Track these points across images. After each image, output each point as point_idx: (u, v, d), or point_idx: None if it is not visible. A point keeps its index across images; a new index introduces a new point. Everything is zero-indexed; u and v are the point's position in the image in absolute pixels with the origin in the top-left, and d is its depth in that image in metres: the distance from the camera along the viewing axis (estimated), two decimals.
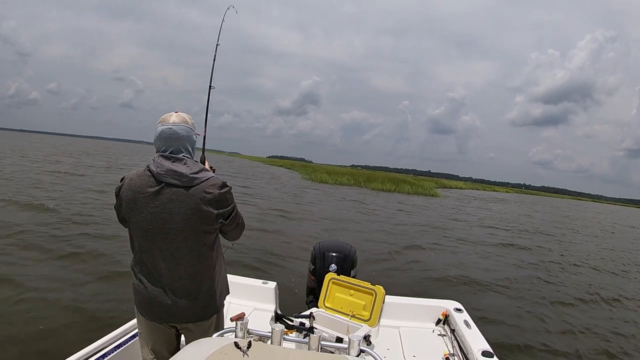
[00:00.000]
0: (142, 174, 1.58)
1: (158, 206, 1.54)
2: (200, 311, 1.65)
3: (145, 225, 1.56)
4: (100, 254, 5.96)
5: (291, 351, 1.23)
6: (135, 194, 1.56)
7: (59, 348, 3.01)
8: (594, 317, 5.88)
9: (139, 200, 1.55)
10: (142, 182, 1.56)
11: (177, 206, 1.53)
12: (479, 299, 5.98)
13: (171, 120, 1.60)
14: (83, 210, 9.24)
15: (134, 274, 1.65)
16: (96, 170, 20.40)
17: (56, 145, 54.86)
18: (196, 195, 1.54)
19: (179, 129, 1.59)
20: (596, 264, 10.25)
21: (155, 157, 1.59)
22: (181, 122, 1.61)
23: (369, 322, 2.31)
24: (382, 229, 11.75)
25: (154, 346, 1.72)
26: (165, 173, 1.54)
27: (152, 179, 1.55)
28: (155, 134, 1.60)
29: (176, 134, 1.59)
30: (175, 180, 1.54)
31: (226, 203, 1.61)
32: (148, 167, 1.58)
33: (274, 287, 3.04)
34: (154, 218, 1.54)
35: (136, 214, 1.56)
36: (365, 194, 25.24)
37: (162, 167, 1.55)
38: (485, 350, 2.25)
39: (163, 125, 1.59)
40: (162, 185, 1.54)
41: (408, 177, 54.35)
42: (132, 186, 1.57)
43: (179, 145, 1.60)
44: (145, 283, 1.61)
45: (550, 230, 17.93)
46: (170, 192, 1.54)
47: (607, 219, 35.80)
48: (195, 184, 1.55)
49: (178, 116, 1.62)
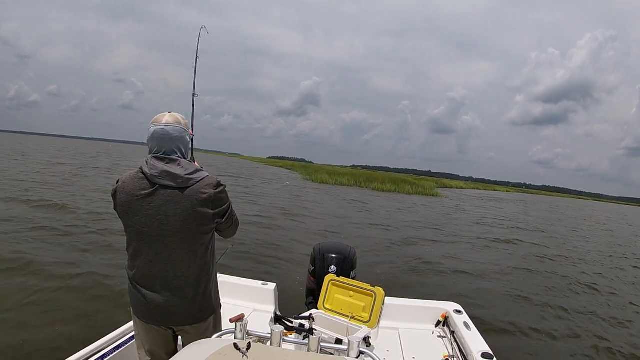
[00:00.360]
0: (134, 176, 1.57)
1: (153, 208, 1.52)
2: (197, 313, 1.64)
3: (140, 228, 1.54)
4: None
5: (291, 352, 1.23)
6: (128, 197, 1.54)
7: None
8: (594, 317, 5.87)
9: (133, 203, 1.54)
10: (135, 185, 1.54)
11: (172, 208, 1.52)
12: (479, 300, 5.97)
13: (164, 120, 1.59)
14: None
15: (129, 277, 1.64)
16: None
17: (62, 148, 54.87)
18: (192, 196, 1.53)
19: (171, 129, 1.57)
20: (601, 262, 10.24)
21: (149, 159, 1.57)
22: (174, 123, 1.59)
23: (369, 324, 2.32)
24: (381, 229, 11.75)
25: (150, 348, 1.72)
26: (159, 175, 1.52)
27: (146, 181, 1.54)
28: (147, 135, 1.58)
29: (169, 135, 1.57)
30: (170, 182, 1.52)
31: (222, 202, 1.60)
32: (141, 168, 1.57)
33: (274, 289, 3.04)
34: (149, 220, 1.53)
35: (131, 217, 1.55)
36: (366, 194, 25.22)
37: (155, 169, 1.53)
38: (485, 352, 2.25)
39: (155, 126, 1.57)
40: (156, 187, 1.53)
41: (408, 177, 54.33)
42: (125, 189, 1.55)
43: (171, 146, 1.58)
44: (140, 285, 1.60)
45: (551, 229, 17.92)
46: (165, 194, 1.52)
47: (614, 218, 35.80)
48: (190, 185, 1.54)
49: (171, 116, 1.60)
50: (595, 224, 26.52)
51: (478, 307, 5.47)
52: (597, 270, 9.47)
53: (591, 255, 11.79)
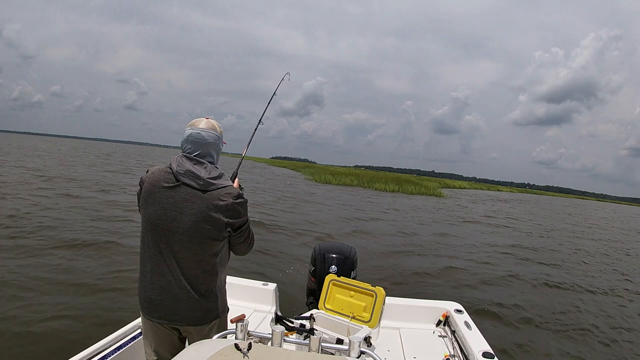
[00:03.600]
0: (163, 170, 1.64)
1: (170, 203, 1.58)
2: (200, 315, 1.65)
3: (154, 220, 1.60)
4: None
5: (291, 353, 1.24)
6: (152, 187, 1.61)
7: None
8: (595, 318, 5.84)
9: (154, 194, 1.60)
10: (161, 177, 1.61)
11: (188, 207, 1.57)
12: (480, 300, 5.96)
13: (200, 125, 1.65)
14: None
15: (140, 269, 1.68)
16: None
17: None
18: (209, 200, 1.57)
19: (206, 134, 1.64)
20: (603, 261, 10.18)
21: (178, 156, 1.64)
22: (209, 129, 1.66)
23: (370, 324, 2.32)
24: (382, 229, 11.73)
25: (156, 347, 1.74)
26: (184, 173, 1.58)
27: (171, 176, 1.60)
28: (183, 137, 1.66)
29: (203, 139, 1.63)
30: (192, 182, 1.58)
31: (238, 214, 1.62)
32: (170, 164, 1.64)
33: (274, 289, 3.05)
34: (164, 214, 1.58)
35: (149, 206, 1.61)
36: (369, 194, 25.19)
37: (182, 167, 1.59)
38: (486, 352, 2.25)
39: (192, 129, 1.64)
40: (178, 184, 1.59)
41: (412, 177, 54.22)
42: (151, 179, 1.63)
43: (204, 150, 1.64)
44: (147, 278, 1.64)
45: (554, 228, 17.85)
46: (185, 192, 1.58)
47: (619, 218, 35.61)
48: (211, 190, 1.58)
49: (207, 122, 1.67)
50: (602, 224, 26.40)
51: (479, 307, 5.46)
52: (603, 271, 9.42)
53: (597, 257, 11.73)
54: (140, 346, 1.88)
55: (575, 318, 5.73)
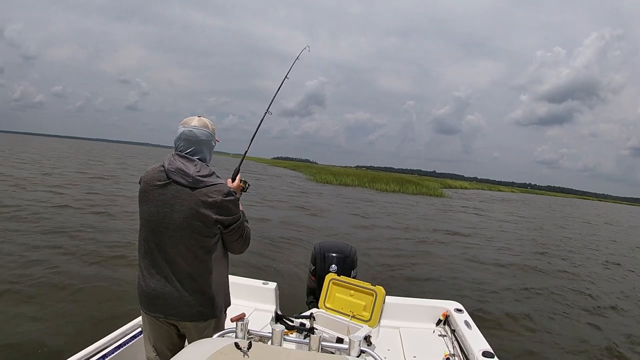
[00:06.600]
0: (157, 169, 1.68)
1: (162, 200, 1.62)
2: (197, 311, 1.66)
3: (149, 217, 1.64)
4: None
5: (292, 352, 1.24)
6: (146, 186, 1.66)
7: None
8: (596, 318, 5.84)
9: (148, 192, 1.65)
10: (154, 176, 1.66)
11: (178, 203, 1.60)
12: (480, 300, 5.96)
13: (193, 123, 1.68)
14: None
15: (139, 265, 1.71)
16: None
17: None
18: (198, 197, 1.59)
19: (198, 132, 1.67)
20: (604, 260, 10.16)
21: (171, 155, 1.67)
22: (202, 127, 1.68)
23: (370, 323, 2.32)
24: (383, 229, 11.73)
25: (155, 343, 1.76)
26: (174, 170, 1.62)
27: (163, 174, 1.64)
28: (176, 135, 1.69)
29: (195, 137, 1.66)
30: (181, 179, 1.61)
31: (228, 211, 1.64)
32: (163, 162, 1.67)
33: (274, 288, 3.05)
34: (157, 211, 1.62)
35: (144, 204, 1.66)
36: (370, 194, 25.18)
37: (172, 165, 1.63)
38: (485, 351, 2.25)
39: (184, 127, 1.67)
40: (169, 181, 1.62)
41: (413, 177, 54.17)
42: (145, 178, 1.68)
43: (196, 148, 1.67)
44: (144, 273, 1.67)
45: (554, 228, 17.82)
46: (176, 189, 1.61)
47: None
48: (201, 187, 1.60)
49: (200, 120, 1.70)
50: (604, 224, 26.36)
51: (479, 306, 5.46)
52: (605, 272, 9.40)
53: (598, 257, 11.70)
54: (141, 345, 1.88)
55: (575, 318, 5.72)
